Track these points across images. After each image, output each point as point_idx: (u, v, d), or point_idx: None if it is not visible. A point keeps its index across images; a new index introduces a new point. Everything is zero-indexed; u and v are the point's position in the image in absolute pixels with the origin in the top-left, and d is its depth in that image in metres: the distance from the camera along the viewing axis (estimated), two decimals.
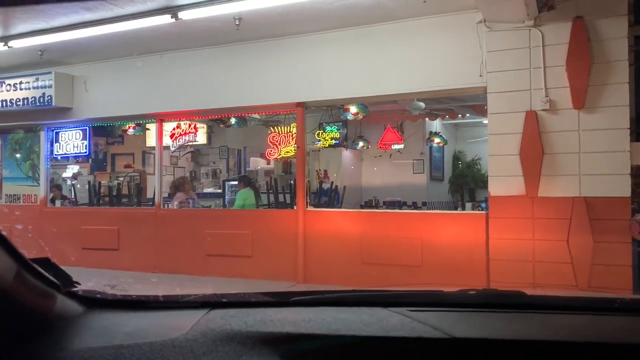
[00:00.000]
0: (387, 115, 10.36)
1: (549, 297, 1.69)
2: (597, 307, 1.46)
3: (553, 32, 5.86)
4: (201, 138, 9.81)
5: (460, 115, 10.68)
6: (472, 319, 1.35)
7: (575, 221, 5.66)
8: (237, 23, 6.63)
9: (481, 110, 8.52)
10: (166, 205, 8.64)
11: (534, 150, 5.86)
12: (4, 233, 0.95)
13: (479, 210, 6.84)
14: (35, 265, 1.06)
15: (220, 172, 11.78)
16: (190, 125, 8.94)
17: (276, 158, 9.64)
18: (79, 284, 1.21)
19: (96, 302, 1.26)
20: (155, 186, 8.48)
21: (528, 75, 5.96)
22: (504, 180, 6.05)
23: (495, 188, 6.10)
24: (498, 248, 6.01)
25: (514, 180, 5.97)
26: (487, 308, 1.39)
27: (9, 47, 7.49)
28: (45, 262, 1.10)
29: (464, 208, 7.44)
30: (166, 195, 9.08)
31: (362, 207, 9.59)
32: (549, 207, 5.79)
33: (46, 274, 1.09)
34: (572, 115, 5.77)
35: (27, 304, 1.03)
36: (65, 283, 1.17)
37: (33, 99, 8.65)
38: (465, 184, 12.01)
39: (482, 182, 10.84)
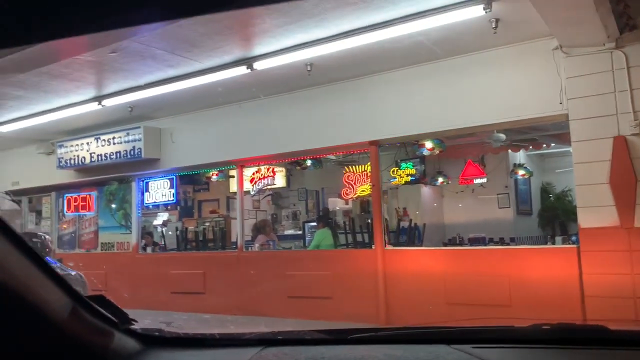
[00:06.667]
0: (466, 149, 10.12)
1: (635, 332, 1.52)
2: None
3: (638, 53, 5.54)
4: (280, 181, 10.03)
5: (545, 145, 10.25)
6: (543, 356, 1.24)
7: None
8: (308, 69, 6.83)
9: (567, 139, 8.12)
10: (249, 247, 8.84)
11: (626, 177, 5.47)
12: (58, 270, 1.00)
13: (569, 243, 6.44)
14: (91, 302, 1.10)
15: (300, 214, 11.92)
16: (268, 169, 9.18)
17: (352, 197, 9.64)
18: (136, 321, 1.25)
19: (154, 340, 1.29)
20: (237, 229, 8.71)
21: (613, 99, 5.64)
22: (595, 211, 5.67)
23: (586, 220, 5.74)
24: (593, 284, 5.60)
25: (606, 210, 5.58)
26: (563, 344, 1.28)
27: (102, 105, 8.13)
28: (101, 300, 1.15)
29: (554, 242, 7.03)
30: (249, 238, 9.31)
31: (445, 244, 9.31)
32: None
33: (103, 311, 1.13)
34: None
35: (84, 340, 1.07)
36: (123, 320, 1.21)
37: (125, 152, 9.28)
38: (556, 217, 11.38)
39: (574, 214, 10.21)
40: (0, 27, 0.70)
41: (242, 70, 6.82)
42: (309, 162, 9.46)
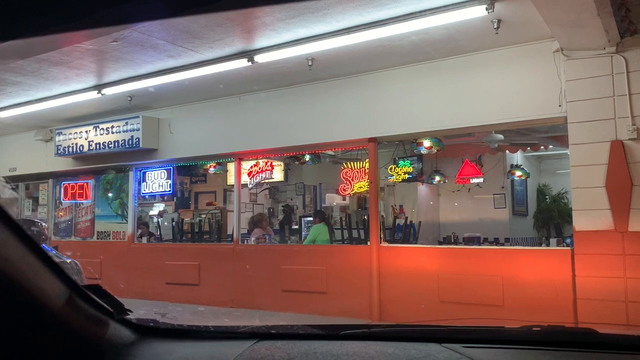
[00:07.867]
0: (464, 148, 10.14)
1: (625, 336, 1.54)
2: None
3: (638, 58, 5.55)
4: (277, 175, 10.03)
5: (542, 147, 10.27)
6: (533, 357, 1.26)
7: None
8: (309, 64, 6.82)
9: (565, 142, 8.14)
10: (245, 241, 8.85)
11: (622, 181, 5.50)
12: (56, 259, 1.01)
13: (563, 246, 6.47)
14: (88, 292, 1.11)
15: (297, 209, 11.93)
16: (266, 163, 9.19)
17: (349, 193, 9.67)
18: (131, 311, 1.26)
19: (149, 331, 1.30)
20: (234, 222, 8.73)
21: (612, 103, 5.66)
22: (590, 214, 5.70)
23: (581, 223, 5.76)
24: (586, 286, 5.63)
25: (601, 214, 5.61)
26: (553, 346, 1.30)
27: (102, 94, 8.11)
28: (97, 289, 1.16)
29: (548, 244, 7.06)
30: (245, 231, 9.31)
31: (440, 243, 9.35)
32: None
33: (99, 301, 1.14)
34: None
35: (79, 329, 1.08)
36: (119, 310, 1.22)
37: (123, 141, 9.26)
38: (552, 219, 11.43)
39: (569, 216, 10.25)
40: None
41: (242, 62, 6.80)
42: (307, 157, 9.47)
